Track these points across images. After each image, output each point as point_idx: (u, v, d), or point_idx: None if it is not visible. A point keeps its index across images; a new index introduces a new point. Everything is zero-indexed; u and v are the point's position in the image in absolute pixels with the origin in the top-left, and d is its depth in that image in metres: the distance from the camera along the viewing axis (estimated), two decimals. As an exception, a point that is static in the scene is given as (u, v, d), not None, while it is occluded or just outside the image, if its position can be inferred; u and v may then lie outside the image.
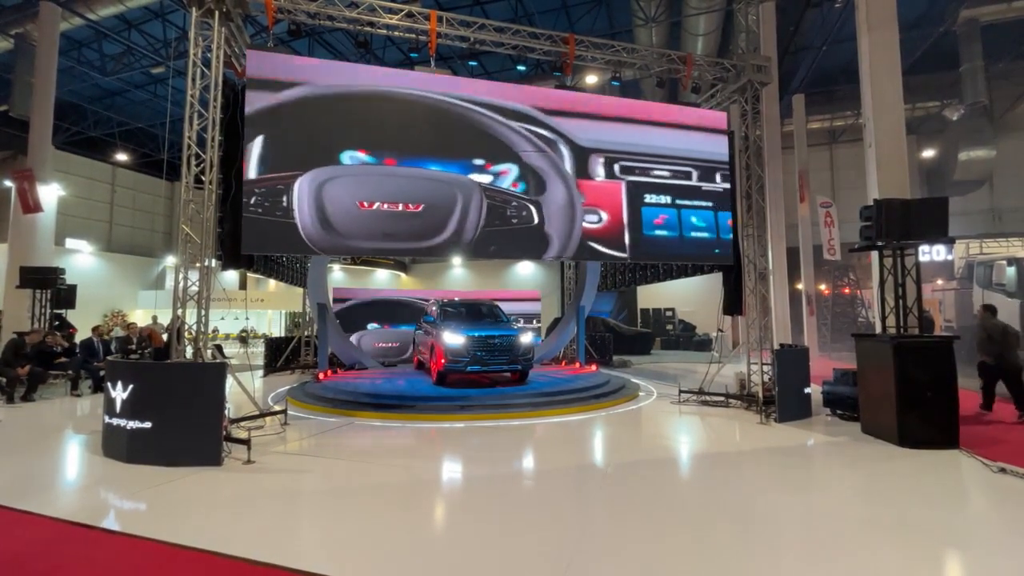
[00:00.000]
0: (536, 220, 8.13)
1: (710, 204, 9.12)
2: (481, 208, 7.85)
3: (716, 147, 9.21)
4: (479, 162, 7.95)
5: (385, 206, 7.47)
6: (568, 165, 8.39)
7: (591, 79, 14.20)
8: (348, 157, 7.45)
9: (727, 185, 9.21)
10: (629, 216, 8.65)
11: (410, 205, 7.55)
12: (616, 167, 8.64)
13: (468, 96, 8.03)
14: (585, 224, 8.39)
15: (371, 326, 13.68)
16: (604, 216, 8.52)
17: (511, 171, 8.09)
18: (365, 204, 7.39)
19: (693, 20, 14.45)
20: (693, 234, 9.01)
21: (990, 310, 7.95)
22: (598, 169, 8.56)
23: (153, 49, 16.36)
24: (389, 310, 14.24)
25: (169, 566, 3.19)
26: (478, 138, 8.01)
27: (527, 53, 8.64)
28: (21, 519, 3.68)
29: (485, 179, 7.96)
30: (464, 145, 7.95)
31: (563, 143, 8.38)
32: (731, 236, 9.16)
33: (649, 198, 8.79)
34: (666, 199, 8.88)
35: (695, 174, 9.06)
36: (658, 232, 8.81)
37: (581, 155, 8.47)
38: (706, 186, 9.11)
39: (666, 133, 8.96)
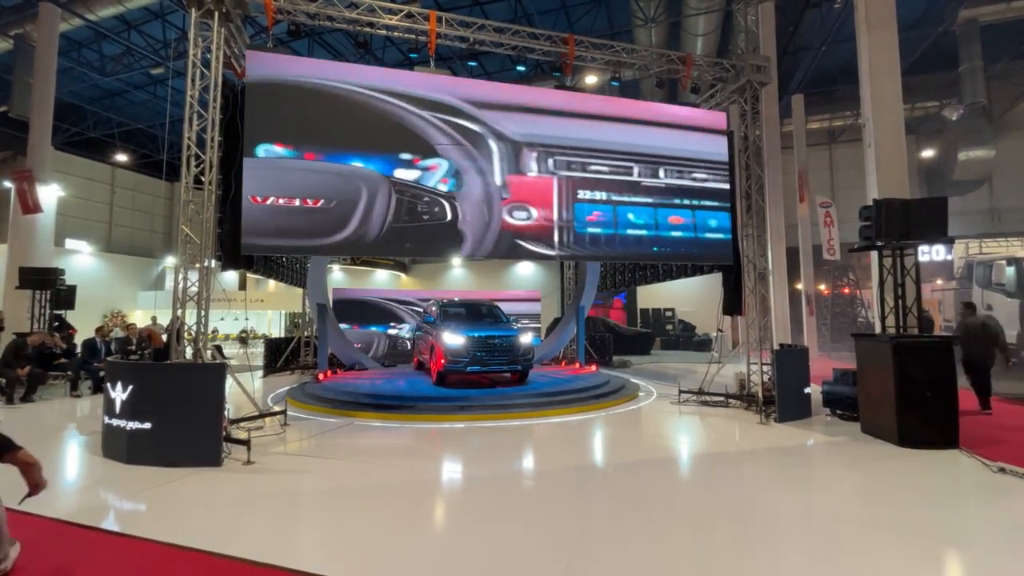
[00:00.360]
0: (449, 216, 7.72)
1: (650, 200, 8.76)
2: (389, 203, 7.41)
3: (662, 141, 8.85)
4: (406, 157, 7.57)
5: (280, 201, 6.95)
6: (496, 159, 7.98)
7: (591, 79, 14.20)
8: (263, 150, 6.96)
9: (671, 181, 8.88)
10: (560, 212, 8.26)
11: (308, 200, 7.07)
12: (551, 162, 8.26)
13: (392, 88, 7.60)
14: (512, 220, 7.99)
15: (342, 326, 13.66)
16: (534, 212, 8.12)
17: (441, 166, 7.70)
18: (258, 199, 6.86)
19: (692, 20, 14.45)
20: (630, 231, 8.66)
21: (970, 307, 8.03)
22: (531, 164, 8.17)
23: (153, 50, 16.35)
24: (360, 311, 14.21)
25: (169, 567, 3.19)
26: (400, 131, 7.59)
27: (527, 54, 8.64)
28: (21, 519, 3.66)
29: (412, 175, 7.57)
30: (390, 139, 7.55)
31: (492, 137, 7.98)
32: (671, 233, 8.88)
33: (583, 194, 8.41)
34: (602, 195, 8.51)
35: (636, 169, 8.73)
36: (591, 230, 8.43)
37: (512, 149, 8.07)
38: (647, 182, 8.74)
39: (614, 127, 8.61)
